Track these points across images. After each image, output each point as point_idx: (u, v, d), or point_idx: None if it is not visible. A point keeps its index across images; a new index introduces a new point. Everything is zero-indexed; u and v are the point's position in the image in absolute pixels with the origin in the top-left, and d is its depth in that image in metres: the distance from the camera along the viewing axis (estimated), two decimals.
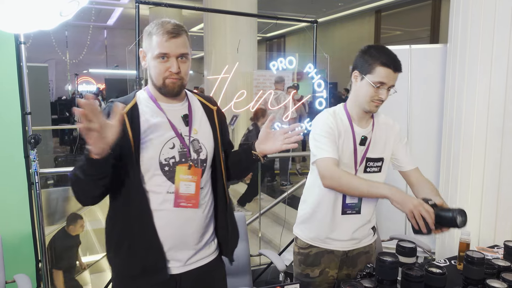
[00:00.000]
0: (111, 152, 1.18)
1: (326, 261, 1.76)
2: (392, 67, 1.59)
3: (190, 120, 1.40)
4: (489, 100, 2.28)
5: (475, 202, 2.38)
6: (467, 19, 2.36)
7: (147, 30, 1.33)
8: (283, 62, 2.83)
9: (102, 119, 1.12)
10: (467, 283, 1.54)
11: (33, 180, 2.25)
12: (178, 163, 1.34)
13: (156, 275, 1.34)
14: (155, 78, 1.34)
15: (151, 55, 1.32)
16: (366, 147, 1.70)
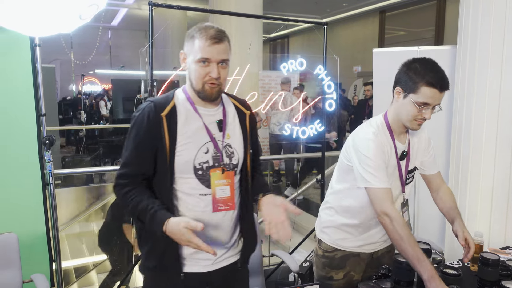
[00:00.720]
0: None
1: (351, 264, 1.76)
2: (438, 87, 1.49)
3: (224, 125, 1.43)
4: (499, 102, 2.28)
5: (485, 204, 2.38)
6: (476, 20, 2.36)
7: (190, 34, 1.35)
8: (293, 63, 2.85)
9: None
10: (482, 284, 1.56)
11: (48, 180, 2.27)
12: (211, 168, 1.38)
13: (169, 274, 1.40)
14: (194, 81, 1.36)
15: (193, 58, 1.33)
16: (406, 162, 1.69)
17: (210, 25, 1.35)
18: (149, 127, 1.33)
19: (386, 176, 1.55)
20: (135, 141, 1.35)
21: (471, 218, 2.43)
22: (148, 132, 1.33)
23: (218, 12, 3.02)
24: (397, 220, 1.47)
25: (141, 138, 1.34)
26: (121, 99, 6.32)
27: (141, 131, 1.34)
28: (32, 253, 2.31)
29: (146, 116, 1.33)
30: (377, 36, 10.92)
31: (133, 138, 1.35)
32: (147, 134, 1.33)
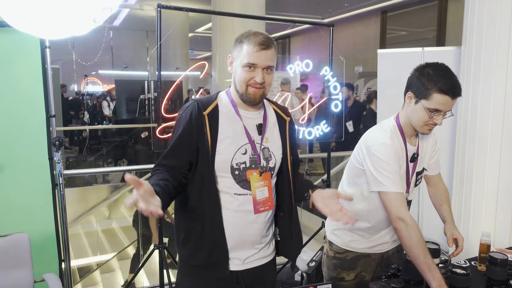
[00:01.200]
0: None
1: (362, 265, 1.78)
2: (450, 94, 1.49)
3: (263, 129, 1.47)
4: (504, 103, 2.30)
5: (490, 205, 2.40)
6: (482, 21, 2.38)
7: (238, 39, 1.40)
8: (300, 64, 2.87)
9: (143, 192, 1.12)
10: (491, 284, 1.57)
11: (57, 181, 2.30)
12: (248, 169, 1.42)
13: (218, 269, 1.42)
14: (239, 84, 1.40)
15: (239, 62, 1.38)
16: (415, 163, 1.71)
17: (259, 32, 1.39)
18: (191, 124, 1.38)
19: (400, 180, 1.57)
20: (178, 136, 1.39)
21: (476, 219, 2.45)
22: (190, 128, 1.38)
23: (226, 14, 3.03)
24: (412, 226, 1.48)
25: (184, 134, 1.38)
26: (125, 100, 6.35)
27: (184, 127, 1.39)
28: (41, 253, 2.33)
29: (189, 114, 1.39)
30: (378, 36, 10.93)
31: (176, 133, 1.41)
32: (189, 130, 1.38)
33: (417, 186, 1.76)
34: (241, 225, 1.44)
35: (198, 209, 1.40)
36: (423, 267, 1.41)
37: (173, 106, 2.76)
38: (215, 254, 1.41)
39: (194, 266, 1.45)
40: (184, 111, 1.42)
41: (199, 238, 1.41)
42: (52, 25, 1.47)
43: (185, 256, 1.48)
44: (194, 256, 1.43)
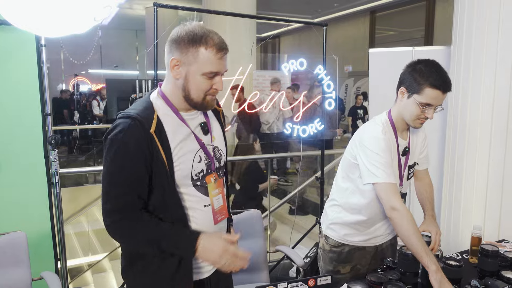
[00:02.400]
0: None
1: (357, 258, 1.82)
2: (442, 88, 1.55)
3: (209, 127, 1.35)
4: (493, 101, 2.35)
5: (480, 200, 2.46)
6: (471, 21, 2.43)
7: (187, 38, 1.19)
8: (294, 63, 2.91)
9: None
10: (483, 275, 1.63)
11: (53, 180, 2.29)
12: (206, 175, 1.30)
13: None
14: (195, 93, 1.23)
15: (197, 69, 1.20)
16: (406, 157, 1.76)
17: (212, 31, 1.21)
18: (140, 148, 1.17)
19: (393, 172, 1.61)
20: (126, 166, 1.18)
21: (467, 213, 2.51)
22: (141, 154, 1.17)
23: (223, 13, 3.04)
24: (406, 215, 1.53)
25: (134, 162, 1.18)
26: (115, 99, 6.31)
27: (132, 154, 1.17)
28: (37, 252, 2.33)
29: (134, 137, 1.17)
30: (367, 36, 11.05)
31: (121, 164, 1.18)
32: (140, 156, 1.18)
33: (410, 179, 1.81)
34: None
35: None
36: (421, 253, 1.46)
37: None
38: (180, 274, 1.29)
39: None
40: (123, 134, 1.17)
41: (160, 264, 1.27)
42: (52, 23, 1.48)
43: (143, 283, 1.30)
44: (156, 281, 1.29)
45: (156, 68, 2.30)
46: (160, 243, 1.19)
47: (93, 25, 1.60)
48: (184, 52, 1.19)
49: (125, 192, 1.18)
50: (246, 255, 1.22)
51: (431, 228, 1.76)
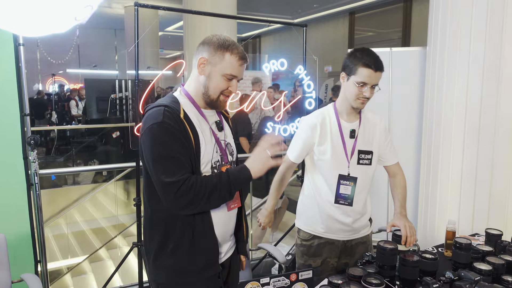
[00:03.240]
0: None
1: (327, 251, 1.90)
2: (373, 67, 1.74)
3: (222, 125, 1.53)
4: (466, 100, 2.44)
5: (454, 195, 2.55)
6: (445, 23, 2.52)
7: (217, 43, 1.39)
8: (275, 64, 2.94)
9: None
10: (457, 267, 1.70)
11: (33, 181, 2.26)
12: (221, 166, 1.47)
13: (212, 268, 1.46)
14: (213, 90, 1.42)
15: (220, 70, 1.39)
16: (355, 140, 1.86)
17: (237, 44, 1.42)
18: (179, 129, 1.34)
19: (297, 151, 1.92)
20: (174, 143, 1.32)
21: (442, 209, 2.59)
22: (183, 133, 1.34)
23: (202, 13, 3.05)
24: (276, 178, 2.01)
25: (178, 139, 1.33)
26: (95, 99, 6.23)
27: (175, 133, 1.33)
28: (17, 254, 2.29)
29: (172, 119, 1.33)
30: (347, 36, 11.19)
31: (169, 144, 1.32)
32: (184, 134, 1.34)
33: (362, 165, 1.89)
34: (226, 221, 1.50)
35: (188, 216, 1.39)
36: (269, 200, 2.04)
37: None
38: (210, 256, 1.45)
39: (189, 272, 1.44)
40: (161, 119, 1.33)
41: (192, 244, 1.41)
42: (33, 22, 1.47)
43: (175, 265, 1.43)
44: (190, 262, 1.42)
45: (137, 67, 2.30)
46: (229, 178, 1.35)
47: (74, 25, 1.59)
48: (213, 53, 1.40)
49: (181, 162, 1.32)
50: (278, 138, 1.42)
51: (399, 222, 1.83)
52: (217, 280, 1.49)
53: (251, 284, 1.27)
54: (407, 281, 1.57)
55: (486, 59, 2.35)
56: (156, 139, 1.32)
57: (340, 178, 1.85)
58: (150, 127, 1.33)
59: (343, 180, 1.85)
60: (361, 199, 1.89)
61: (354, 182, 1.85)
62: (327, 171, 1.87)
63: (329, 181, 1.87)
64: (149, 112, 1.38)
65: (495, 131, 2.36)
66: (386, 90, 3.37)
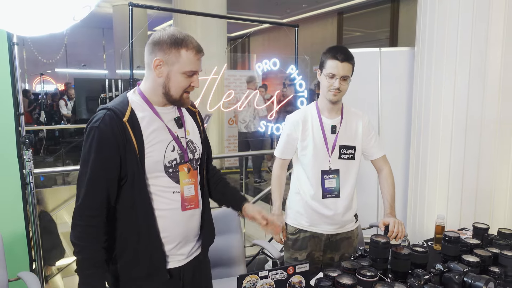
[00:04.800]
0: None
1: (312, 245, 1.97)
2: (339, 58, 1.83)
3: (183, 121, 1.47)
4: (454, 98, 2.50)
5: (443, 191, 2.62)
6: (433, 24, 2.58)
7: (169, 41, 1.33)
8: (267, 63, 2.98)
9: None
10: (446, 260, 1.76)
11: (27, 180, 2.26)
12: (179, 164, 1.42)
13: (158, 276, 1.40)
14: (174, 90, 1.37)
15: (178, 69, 1.34)
16: (336, 135, 1.92)
17: (190, 36, 1.37)
18: (114, 136, 1.29)
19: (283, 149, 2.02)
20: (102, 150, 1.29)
21: (431, 204, 2.66)
22: (114, 142, 1.29)
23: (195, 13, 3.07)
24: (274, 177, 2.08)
25: (109, 149, 1.30)
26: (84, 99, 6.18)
27: (107, 143, 1.29)
28: (12, 253, 2.28)
29: (108, 125, 1.29)
30: (335, 37, 11.27)
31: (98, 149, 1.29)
32: (114, 144, 1.30)
33: (344, 159, 1.95)
34: (183, 222, 1.43)
35: (132, 219, 1.36)
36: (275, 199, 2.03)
37: None
38: (155, 262, 1.39)
39: (136, 279, 1.40)
40: (99, 122, 1.30)
41: (136, 249, 1.37)
42: (31, 21, 1.48)
43: (121, 271, 1.39)
44: (133, 267, 1.38)
45: (132, 67, 2.32)
46: (81, 270, 1.31)
47: (71, 25, 1.61)
48: (167, 53, 1.34)
49: (98, 187, 1.30)
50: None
51: (390, 219, 1.88)
52: (178, 283, 1.45)
53: (250, 277, 1.31)
54: (399, 273, 1.62)
55: (472, 60, 2.41)
56: (87, 142, 1.32)
57: (322, 174, 1.92)
58: (88, 128, 1.33)
59: (326, 174, 1.92)
60: (346, 193, 1.95)
61: (337, 174, 1.93)
62: (309, 167, 1.94)
63: (311, 176, 1.93)
64: (95, 114, 1.36)
65: (481, 130, 2.43)
66: (375, 89, 3.44)
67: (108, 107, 1.34)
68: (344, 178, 1.94)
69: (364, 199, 3.30)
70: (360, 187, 2.17)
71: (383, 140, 3.42)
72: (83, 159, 1.32)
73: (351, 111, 2.01)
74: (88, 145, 1.31)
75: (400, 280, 1.59)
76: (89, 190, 1.30)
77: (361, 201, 2.13)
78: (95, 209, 1.31)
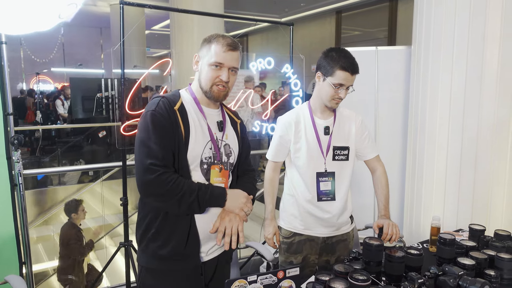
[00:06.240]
0: None
1: (307, 248, 1.93)
2: (350, 70, 1.77)
3: (224, 126, 1.56)
4: (450, 98, 2.48)
5: (439, 192, 2.59)
6: (429, 23, 2.55)
7: (207, 39, 1.48)
8: (262, 62, 2.94)
9: None
10: (441, 262, 1.72)
11: (16, 181, 2.23)
12: (213, 164, 1.50)
13: (191, 260, 1.47)
14: (204, 82, 1.48)
15: (207, 61, 1.46)
16: (330, 136, 1.88)
17: (226, 35, 1.48)
18: (168, 118, 1.40)
19: (275, 151, 1.97)
20: (160, 132, 1.39)
21: (427, 205, 2.63)
22: (169, 122, 1.40)
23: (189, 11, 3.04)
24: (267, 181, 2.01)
25: (165, 126, 1.39)
26: (80, 98, 6.15)
27: (163, 120, 1.39)
28: (1, 256, 2.25)
29: (164, 109, 1.40)
30: (333, 35, 11.24)
31: (156, 130, 1.39)
32: (169, 123, 1.40)
33: (338, 161, 1.91)
34: (207, 217, 1.48)
35: None
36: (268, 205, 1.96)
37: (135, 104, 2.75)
38: (190, 244, 1.44)
39: (165, 259, 1.45)
40: (156, 107, 1.42)
41: (173, 231, 1.43)
42: (15, 19, 1.44)
43: (155, 248, 1.45)
44: (167, 247, 1.44)
45: (123, 66, 2.28)
46: (199, 192, 1.38)
47: (58, 23, 1.57)
48: (202, 49, 1.49)
49: (166, 149, 1.38)
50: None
51: (383, 221, 1.86)
52: (199, 278, 1.50)
53: (238, 282, 1.28)
54: (393, 277, 1.59)
55: (469, 58, 2.38)
56: (144, 125, 1.40)
57: (318, 176, 1.88)
58: (144, 114, 1.43)
59: (321, 177, 1.88)
60: (341, 195, 1.91)
61: (332, 176, 1.89)
62: (303, 169, 1.90)
63: (305, 179, 1.89)
64: (149, 102, 1.46)
65: (478, 130, 2.40)
66: (372, 89, 3.41)
67: (162, 95, 1.47)
68: (339, 180, 1.90)
69: (360, 200, 3.27)
70: (356, 188, 2.14)
71: (380, 140, 3.38)
72: (140, 140, 1.40)
73: (344, 112, 1.98)
74: (143, 127, 1.40)
75: (394, 284, 1.56)
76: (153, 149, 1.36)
77: (357, 202, 2.10)
78: (162, 159, 1.37)
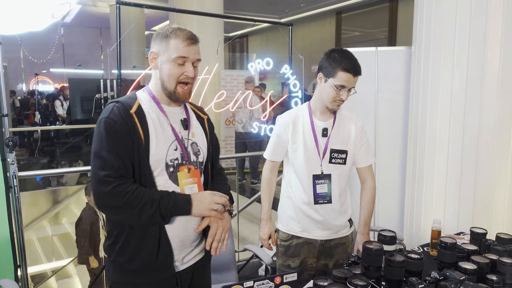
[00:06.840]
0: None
1: (305, 252, 1.89)
2: (352, 72, 1.74)
3: (189, 123, 1.47)
4: (451, 100, 2.45)
5: (440, 195, 2.56)
6: (430, 23, 2.53)
7: (162, 34, 1.37)
8: (260, 63, 2.92)
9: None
10: (442, 266, 1.69)
11: (11, 183, 2.20)
12: (180, 165, 1.40)
13: (164, 271, 1.38)
14: (167, 81, 1.37)
15: (167, 57, 1.35)
16: (328, 138, 1.85)
17: (183, 27, 1.39)
18: (124, 124, 1.30)
19: (273, 151, 1.95)
20: (114, 140, 1.29)
21: (428, 208, 2.60)
22: (126, 128, 1.30)
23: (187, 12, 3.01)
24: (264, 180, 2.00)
25: (121, 135, 1.30)
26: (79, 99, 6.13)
27: (118, 128, 1.30)
28: None
29: (119, 114, 1.31)
30: (334, 36, 11.23)
31: (110, 138, 1.30)
32: (125, 130, 1.30)
33: (334, 164, 1.88)
34: (179, 225, 1.40)
35: None
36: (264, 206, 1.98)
37: None
38: (161, 255, 1.37)
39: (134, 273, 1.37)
40: (110, 113, 1.33)
41: (141, 243, 1.35)
42: (8, 19, 1.41)
43: (122, 263, 1.38)
44: (134, 260, 1.36)
45: (119, 66, 2.25)
46: (161, 201, 1.29)
47: (52, 23, 1.54)
48: (158, 44, 1.38)
49: (121, 158, 1.29)
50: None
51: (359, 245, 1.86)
52: None
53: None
54: (393, 282, 1.56)
55: (470, 59, 2.36)
56: (98, 134, 1.32)
57: (314, 179, 1.85)
58: (98, 122, 1.35)
59: (317, 179, 1.85)
60: (337, 199, 1.88)
61: (328, 179, 1.86)
62: (300, 171, 1.87)
63: (303, 181, 1.87)
64: (104, 108, 1.39)
65: (479, 131, 2.37)
66: (372, 89, 3.38)
67: (116, 100, 1.38)
68: (335, 183, 1.87)
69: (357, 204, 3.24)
70: (357, 191, 2.10)
71: (380, 141, 3.35)
72: (95, 150, 1.31)
73: (345, 114, 1.94)
74: (97, 137, 1.32)
75: None
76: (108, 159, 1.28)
77: (357, 205, 2.06)
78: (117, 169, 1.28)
